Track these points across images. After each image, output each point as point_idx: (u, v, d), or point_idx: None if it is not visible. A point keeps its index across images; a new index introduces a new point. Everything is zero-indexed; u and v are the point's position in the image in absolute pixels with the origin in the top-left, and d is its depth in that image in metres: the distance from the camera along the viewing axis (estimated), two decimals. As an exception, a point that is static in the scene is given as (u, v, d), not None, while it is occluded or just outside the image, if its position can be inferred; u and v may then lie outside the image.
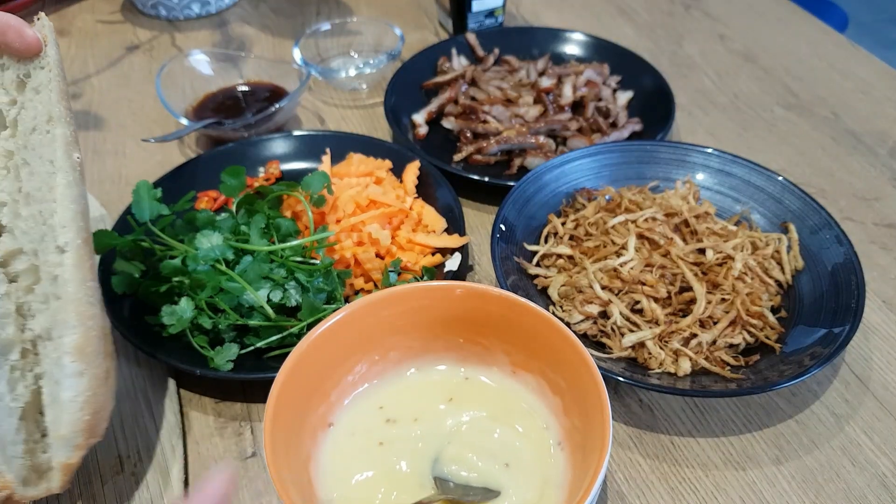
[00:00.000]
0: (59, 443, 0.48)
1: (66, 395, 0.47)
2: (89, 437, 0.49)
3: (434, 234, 0.74)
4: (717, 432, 0.62)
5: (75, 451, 0.48)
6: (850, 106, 1.00)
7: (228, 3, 1.21)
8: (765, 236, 0.73)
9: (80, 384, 0.47)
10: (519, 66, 1.01)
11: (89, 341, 0.48)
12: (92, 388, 0.48)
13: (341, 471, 0.51)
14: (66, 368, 0.47)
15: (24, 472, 0.48)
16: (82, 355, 0.47)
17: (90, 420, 0.48)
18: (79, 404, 0.47)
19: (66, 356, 0.47)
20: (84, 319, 0.48)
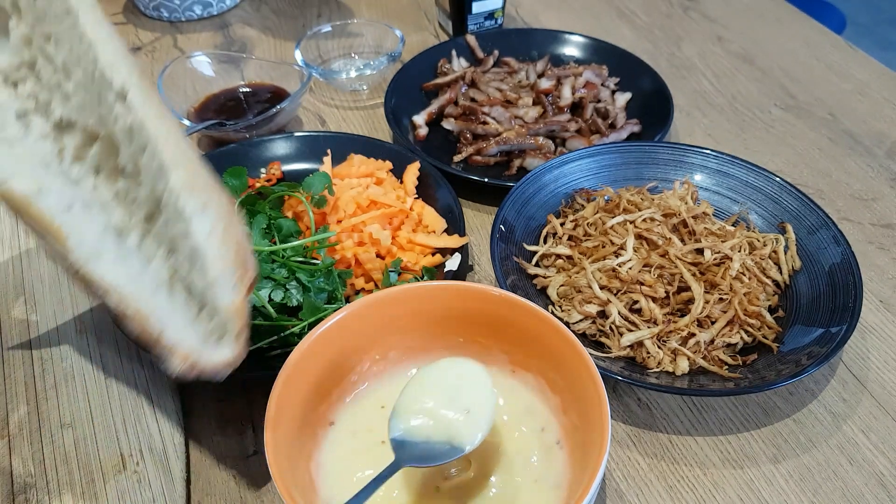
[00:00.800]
0: (216, 288, 0.43)
1: (199, 237, 0.42)
2: (242, 271, 0.44)
3: (434, 234, 0.75)
4: (715, 431, 0.62)
5: (236, 291, 0.43)
6: (847, 107, 1.00)
7: (230, 5, 1.22)
8: (762, 236, 0.74)
9: (207, 218, 0.43)
10: (518, 67, 1.02)
11: (196, 174, 0.43)
12: (222, 219, 0.43)
13: (342, 469, 0.52)
14: (187, 209, 0.42)
15: (197, 339, 0.44)
16: (195, 189, 0.42)
17: (236, 251, 0.43)
18: (217, 239, 0.43)
19: (181, 197, 0.42)
20: (180, 154, 0.43)
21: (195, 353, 0.43)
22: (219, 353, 0.44)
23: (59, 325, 0.69)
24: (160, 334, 0.43)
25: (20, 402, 0.63)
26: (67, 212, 0.44)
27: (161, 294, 0.44)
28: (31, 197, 0.43)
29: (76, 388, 0.64)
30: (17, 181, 0.43)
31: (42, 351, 0.67)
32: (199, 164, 0.45)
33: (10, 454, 0.59)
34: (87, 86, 0.44)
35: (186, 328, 0.44)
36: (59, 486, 0.57)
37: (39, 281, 0.73)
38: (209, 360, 0.44)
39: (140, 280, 0.44)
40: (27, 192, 0.43)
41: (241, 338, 0.45)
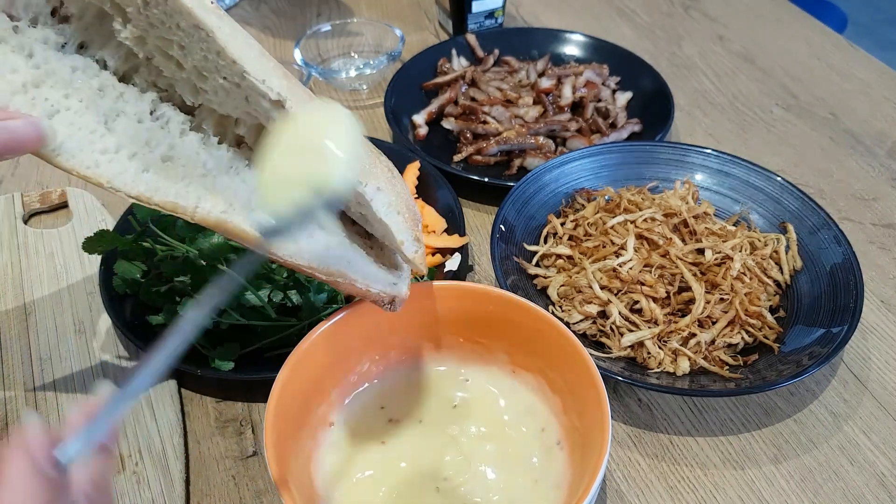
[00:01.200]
0: (405, 248, 0.50)
1: (382, 214, 0.47)
2: (416, 225, 0.51)
3: (434, 234, 0.74)
4: (716, 431, 0.62)
5: (416, 244, 0.50)
6: (848, 106, 1.00)
7: (229, 4, 1.21)
8: (763, 236, 0.73)
9: (383, 197, 0.47)
10: (519, 66, 1.02)
11: (365, 160, 0.47)
12: (392, 192, 0.48)
13: (342, 470, 0.52)
14: (367, 193, 0.46)
15: (389, 279, 0.51)
16: (367, 174, 0.46)
17: (409, 214, 0.50)
18: (394, 212, 0.48)
19: (358, 185, 0.45)
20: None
21: (396, 294, 0.51)
22: (404, 286, 0.52)
23: (59, 325, 0.69)
24: (367, 289, 0.50)
25: (20, 402, 0.63)
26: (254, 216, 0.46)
27: (353, 253, 0.50)
28: (223, 217, 0.46)
29: (76, 388, 0.64)
30: (204, 207, 0.45)
31: (42, 351, 0.67)
32: (367, 146, 0.49)
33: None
34: (229, 91, 0.45)
35: (385, 280, 0.51)
36: (58, 486, 0.57)
37: (39, 281, 0.73)
38: (403, 295, 0.52)
39: (352, 258, 0.50)
40: (218, 215, 0.46)
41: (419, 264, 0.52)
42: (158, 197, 0.45)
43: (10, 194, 0.82)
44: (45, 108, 0.43)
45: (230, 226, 0.45)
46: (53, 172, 0.88)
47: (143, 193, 0.45)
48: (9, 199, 0.81)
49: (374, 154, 0.50)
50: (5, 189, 0.86)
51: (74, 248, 0.75)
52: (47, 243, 0.76)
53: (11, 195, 0.82)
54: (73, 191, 0.82)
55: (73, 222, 0.79)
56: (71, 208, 0.81)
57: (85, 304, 0.71)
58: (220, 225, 0.46)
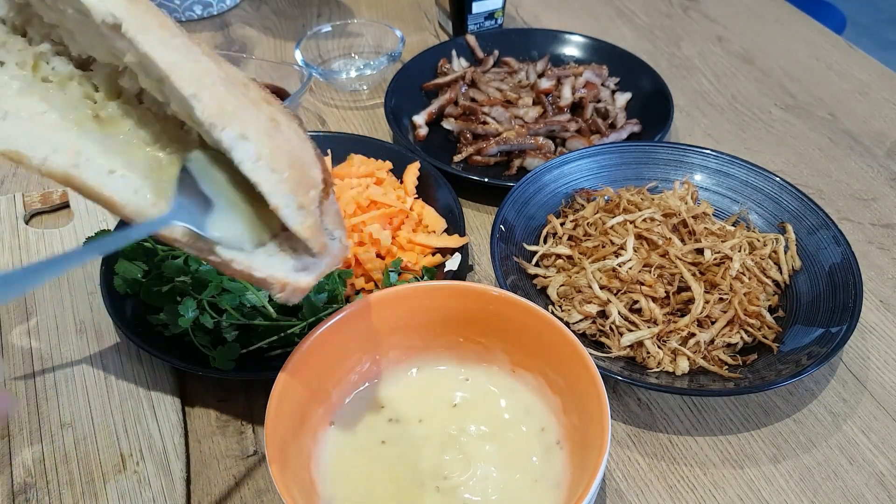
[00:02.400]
0: (283, 214, 0.41)
1: (246, 168, 0.39)
2: (305, 190, 0.41)
3: (434, 234, 0.75)
4: (715, 431, 0.62)
5: (302, 212, 0.41)
6: (847, 107, 1.00)
7: (230, 5, 1.22)
8: (762, 236, 0.74)
9: (247, 147, 0.39)
10: (518, 67, 1.02)
11: (220, 98, 0.39)
12: (267, 144, 0.40)
13: (342, 469, 0.52)
14: (225, 141, 0.39)
15: (290, 263, 0.43)
16: (224, 116, 0.39)
17: (291, 174, 0.40)
18: (265, 168, 0.39)
19: (213, 128, 0.38)
20: (197, 80, 0.38)
21: (289, 280, 0.43)
22: (304, 278, 0.44)
23: (59, 325, 0.69)
24: (250, 272, 0.42)
25: (21, 401, 0.63)
26: (111, 176, 0.41)
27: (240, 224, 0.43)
28: (70, 170, 0.40)
29: (76, 388, 0.64)
30: (53, 158, 0.40)
31: (42, 351, 0.67)
32: (228, 83, 0.41)
33: (10, 454, 0.59)
34: (83, 22, 0.40)
35: (272, 258, 0.43)
36: (59, 486, 0.57)
37: (39, 281, 0.73)
38: (300, 284, 0.43)
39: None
40: (66, 166, 0.40)
41: (331, 246, 0.44)
42: (2, 146, 0.40)
43: (12, 195, 0.82)
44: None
45: (77, 181, 0.40)
46: (54, 173, 0.88)
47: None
48: (10, 200, 0.81)
49: (257, 100, 0.42)
50: (6, 189, 0.86)
51: (75, 249, 0.76)
52: (48, 243, 0.77)
53: (13, 195, 0.82)
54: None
55: (74, 222, 0.79)
56: (72, 208, 0.81)
57: (86, 303, 0.71)
58: (67, 179, 0.40)
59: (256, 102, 0.42)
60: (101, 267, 0.68)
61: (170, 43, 0.39)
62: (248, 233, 0.43)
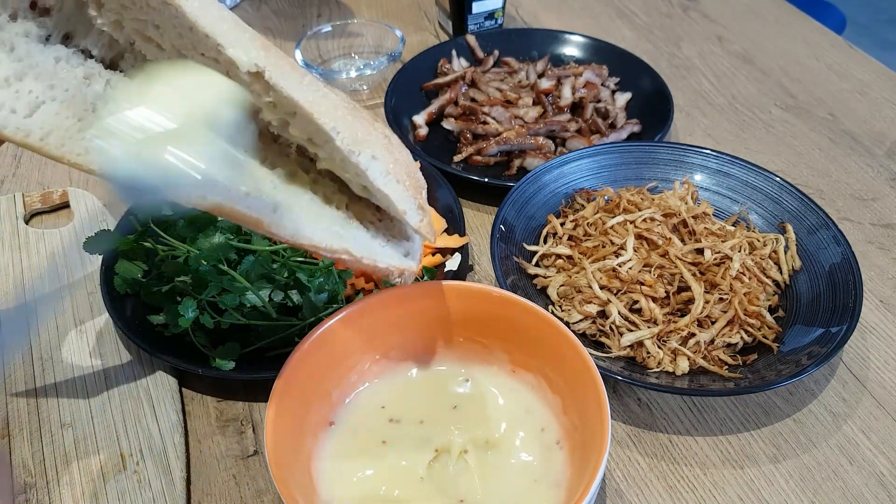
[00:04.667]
0: (408, 217, 0.49)
1: (379, 183, 0.46)
2: (418, 192, 0.50)
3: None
4: (716, 431, 0.62)
5: (420, 212, 0.49)
6: (847, 107, 1.00)
7: (230, 5, 1.22)
8: (762, 236, 0.74)
9: (378, 166, 0.46)
10: (518, 67, 1.02)
11: (352, 127, 0.45)
12: (390, 159, 0.47)
13: (342, 469, 0.52)
14: (362, 163, 0.45)
15: (398, 251, 0.51)
16: (357, 142, 0.45)
17: (410, 182, 0.48)
18: (393, 181, 0.47)
19: (351, 154, 0.45)
20: (332, 114, 0.44)
21: (405, 267, 0.51)
22: (413, 261, 0.52)
23: (59, 325, 0.69)
24: (375, 264, 0.50)
25: (20, 402, 0.63)
26: (247, 197, 0.44)
27: (355, 230, 0.49)
28: (221, 201, 0.43)
29: (76, 388, 0.64)
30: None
31: (42, 351, 0.67)
32: (350, 110, 0.47)
33: (10, 454, 0.59)
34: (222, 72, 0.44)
35: (392, 254, 0.51)
36: (59, 486, 0.57)
37: (40, 281, 0.73)
38: (414, 268, 0.51)
39: (336, 228, 0.49)
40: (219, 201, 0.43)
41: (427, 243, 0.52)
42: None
43: (12, 194, 0.82)
44: (29, 100, 0.42)
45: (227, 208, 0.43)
46: (55, 173, 0.88)
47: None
48: (10, 200, 0.81)
49: (369, 121, 0.49)
50: (6, 189, 0.86)
51: (75, 248, 0.76)
52: (48, 243, 0.77)
53: (13, 195, 0.82)
54: (74, 191, 0.82)
55: (74, 222, 0.79)
56: (72, 208, 0.81)
57: (86, 303, 0.71)
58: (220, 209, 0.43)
59: (369, 122, 0.48)
60: (101, 267, 0.68)
61: (303, 84, 0.44)
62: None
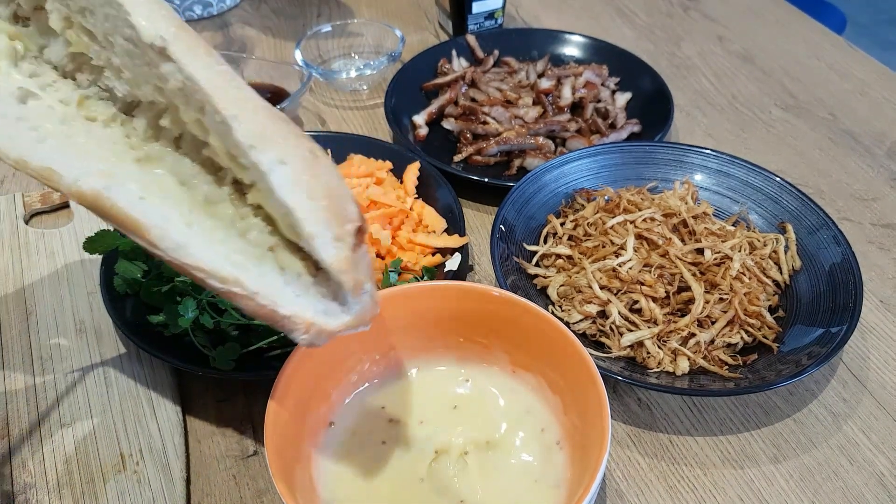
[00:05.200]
0: (317, 244, 0.39)
1: (283, 192, 0.38)
2: (341, 222, 0.39)
3: (434, 234, 0.75)
4: (716, 431, 0.62)
5: (338, 244, 0.39)
6: (848, 107, 1.00)
7: (230, 5, 1.22)
8: (762, 236, 0.74)
9: (286, 171, 0.38)
10: (518, 67, 1.02)
11: (261, 122, 0.39)
12: (306, 171, 0.39)
13: (342, 469, 0.52)
14: (263, 163, 0.38)
15: (315, 307, 0.41)
16: (265, 139, 0.38)
17: (329, 204, 0.39)
18: (302, 194, 0.38)
19: (251, 150, 0.38)
20: (240, 104, 0.38)
21: (316, 321, 0.40)
22: (338, 319, 0.41)
23: (59, 325, 0.69)
24: (273, 309, 0.40)
25: (20, 402, 0.63)
26: (142, 202, 0.40)
27: (264, 267, 0.41)
28: (102, 192, 0.40)
29: (76, 388, 0.64)
30: (86, 180, 0.40)
31: (42, 351, 0.67)
32: (269, 111, 0.40)
33: (10, 454, 0.59)
34: (131, 52, 0.41)
35: (300, 298, 0.41)
36: (59, 486, 0.57)
37: (39, 281, 0.73)
38: (327, 327, 0.41)
39: (239, 258, 0.41)
40: (97, 188, 0.40)
41: (363, 294, 0.41)
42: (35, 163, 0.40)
43: (12, 194, 0.82)
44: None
45: (107, 205, 0.40)
46: (54, 173, 0.88)
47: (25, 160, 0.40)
48: (10, 200, 0.81)
49: (294, 133, 0.41)
50: (6, 189, 0.86)
51: (75, 248, 0.76)
52: (48, 243, 0.77)
53: (13, 195, 0.82)
54: (73, 191, 0.82)
55: (74, 222, 0.79)
56: (72, 208, 0.81)
57: (86, 303, 0.71)
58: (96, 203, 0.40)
59: (298, 135, 0.41)
60: (101, 267, 0.68)
61: (214, 68, 0.39)
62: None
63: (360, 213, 0.42)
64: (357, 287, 0.41)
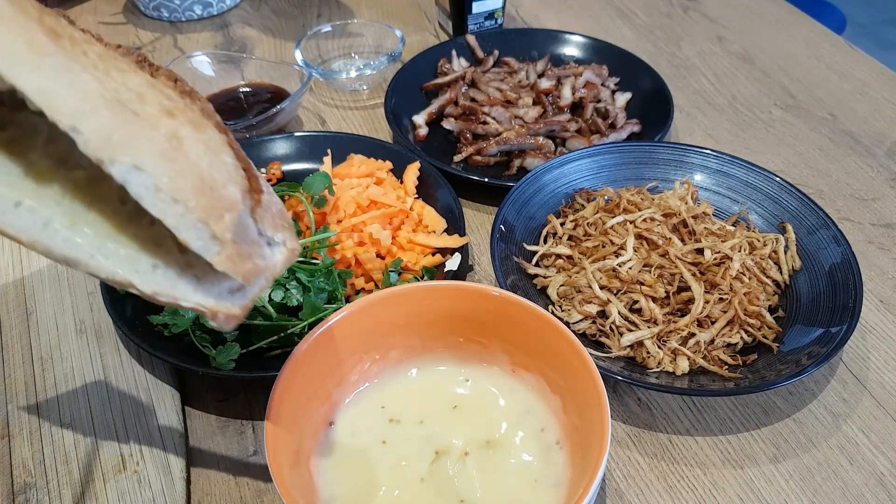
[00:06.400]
0: (195, 248, 0.37)
1: (146, 203, 0.35)
2: (215, 219, 0.37)
3: (434, 234, 0.75)
4: (716, 431, 0.62)
5: (215, 243, 0.37)
6: (847, 107, 1.00)
7: (230, 5, 1.22)
8: (762, 236, 0.74)
9: (143, 179, 0.34)
10: (518, 67, 1.02)
11: (105, 125, 0.34)
12: (167, 170, 0.35)
13: (342, 469, 0.52)
14: (117, 176, 0.34)
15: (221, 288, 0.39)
16: (112, 146, 0.34)
17: (198, 202, 0.36)
18: (166, 200, 0.35)
19: (100, 163, 0.34)
20: (75, 108, 0.33)
21: (219, 308, 0.39)
22: (238, 301, 0.40)
23: (59, 325, 0.69)
24: (177, 303, 0.39)
25: (20, 402, 0.63)
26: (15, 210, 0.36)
27: (157, 261, 0.39)
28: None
29: (76, 388, 0.64)
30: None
31: (42, 351, 0.67)
32: (113, 102, 0.35)
33: (10, 454, 0.59)
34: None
35: (200, 285, 0.39)
36: (59, 486, 0.57)
37: (39, 281, 0.73)
38: (232, 311, 0.40)
39: (130, 255, 0.38)
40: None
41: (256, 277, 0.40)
42: None
43: (11, 195, 0.82)
44: None
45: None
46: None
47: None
48: (9, 200, 0.81)
49: (156, 115, 0.37)
50: (6, 189, 0.86)
51: (75, 249, 0.76)
52: (48, 243, 0.77)
53: (12, 195, 0.82)
54: (73, 191, 0.82)
55: (74, 222, 0.79)
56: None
57: (86, 303, 0.71)
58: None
59: (154, 118, 0.36)
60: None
61: (40, 67, 0.33)
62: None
63: (250, 176, 0.39)
64: (248, 274, 0.39)
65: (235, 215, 0.38)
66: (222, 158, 0.39)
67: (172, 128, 0.37)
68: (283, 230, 0.42)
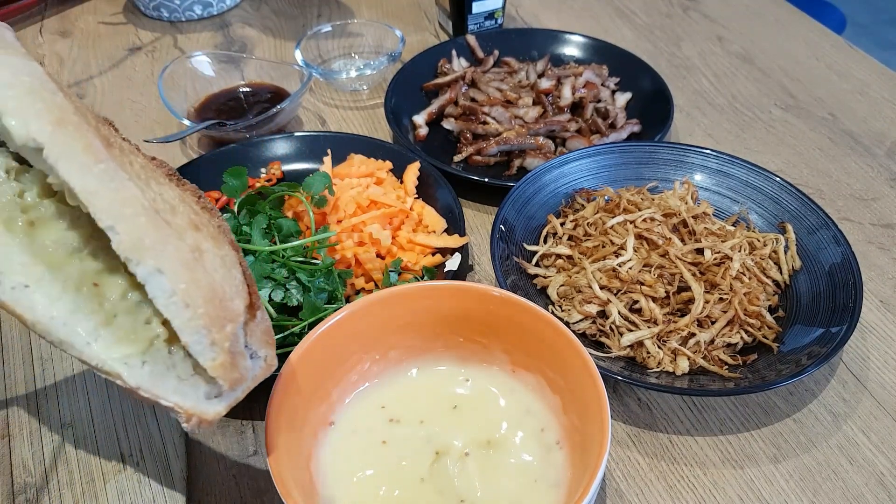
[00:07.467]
0: (194, 351, 0.40)
1: (159, 303, 0.39)
2: (218, 328, 0.40)
3: (434, 234, 0.75)
4: (716, 431, 0.62)
5: (213, 349, 0.40)
6: (847, 107, 1.00)
7: (230, 5, 1.22)
8: (762, 236, 0.74)
9: (162, 282, 0.38)
10: (518, 67, 1.02)
11: (139, 230, 0.38)
12: (184, 278, 0.39)
13: (342, 469, 0.52)
14: (139, 275, 0.38)
15: (195, 397, 0.42)
16: (142, 249, 0.38)
17: (207, 310, 0.39)
18: (178, 304, 0.39)
19: (128, 262, 0.38)
20: (116, 210, 0.38)
21: (196, 412, 0.42)
22: (213, 407, 0.43)
23: (60, 325, 0.69)
24: (156, 400, 0.42)
25: (20, 402, 0.63)
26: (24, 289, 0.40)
27: (147, 357, 0.42)
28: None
29: (76, 388, 0.64)
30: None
31: (42, 351, 0.67)
32: (151, 212, 0.40)
33: (10, 454, 0.59)
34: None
35: (182, 385, 0.42)
36: (59, 486, 0.57)
37: (39, 281, 0.73)
38: (206, 416, 0.43)
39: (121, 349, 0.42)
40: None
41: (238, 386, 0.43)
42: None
43: (11, 195, 0.82)
44: None
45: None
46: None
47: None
48: (10, 200, 0.81)
49: (183, 226, 0.41)
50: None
51: (75, 249, 0.76)
52: (48, 243, 0.77)
53: (12, 195, 0.82)
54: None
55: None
56: (72, 209, 0.81)
57: (86, 304, 0.71)
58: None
59: (182, 229, 0.41)
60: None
61: (92, 170, 0.38)
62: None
63: (252, 293, 0.43)
64: (234, 383, 0.42)
65: (236, 326, 0.42)
66: (233, 274, 0.43)
67: (197, 240, 0.41)
68: (267, 346, 0.45)
